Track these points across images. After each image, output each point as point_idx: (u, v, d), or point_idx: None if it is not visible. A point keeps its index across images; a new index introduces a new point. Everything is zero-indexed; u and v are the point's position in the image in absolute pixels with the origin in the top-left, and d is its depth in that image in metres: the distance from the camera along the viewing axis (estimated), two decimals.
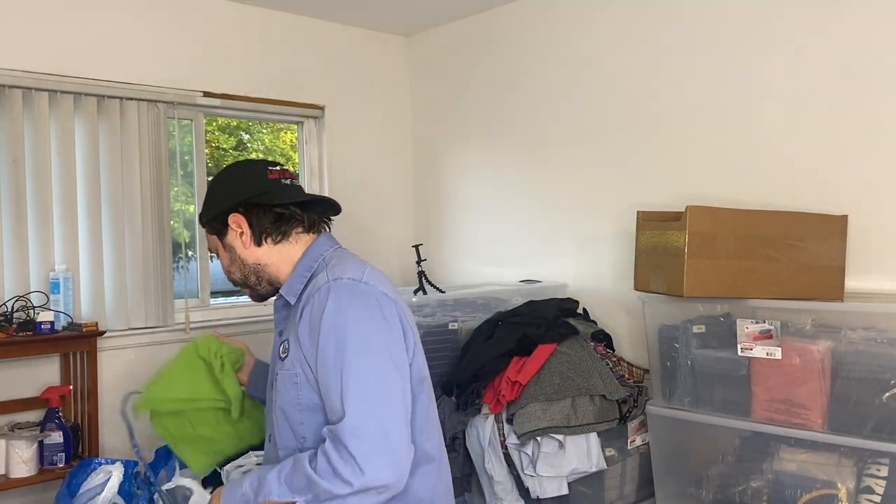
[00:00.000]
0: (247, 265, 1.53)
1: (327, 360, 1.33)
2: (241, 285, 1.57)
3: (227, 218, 1.51)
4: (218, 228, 1.54)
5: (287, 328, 1.48)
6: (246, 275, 1.55)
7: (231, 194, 1.52)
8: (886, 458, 2.09)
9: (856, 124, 2.47)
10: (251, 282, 1.55)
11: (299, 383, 1.38)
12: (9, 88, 2.83)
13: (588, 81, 3.27)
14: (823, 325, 2.24)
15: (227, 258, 1.55)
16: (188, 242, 3.66)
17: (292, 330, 1.42)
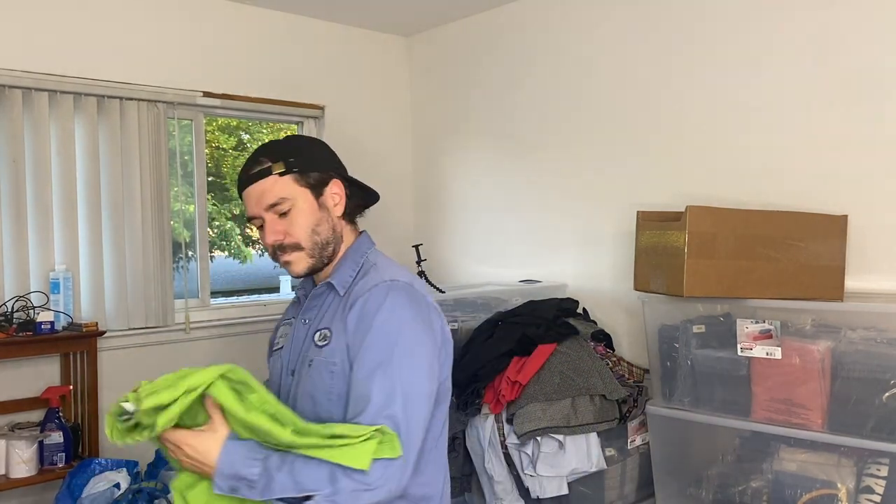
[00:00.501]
0: (335, 232, 1.46)
1: (370, 355, 1.33)
2: (305, 250, 1.43)
3: (329, 179, 1.46)
4: (314, 184, 1.44)
5: (322, 316, 1.45)
6: (326, 241, 1.45)
7: (332, 161, 1.49)
8: (886, 458, 2.09)
9: (856, 124, 2.47)
10: (326, 252, 1.45)
11: (336, 373, 1.37)
12: (9, 88, 2.83)
13: (588, 81, 3.27)
14: (823, 325, 2.24)
15: (314, 218, 1.43)
16: (188, 242, 3.66)
17: (335, 320, 1.41)
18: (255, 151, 1.47)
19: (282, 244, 1.42)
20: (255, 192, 1.42)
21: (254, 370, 1.38)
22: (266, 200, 1.41)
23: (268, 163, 1.41)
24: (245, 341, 3.52)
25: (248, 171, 1.44)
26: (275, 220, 1.41)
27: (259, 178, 1.42)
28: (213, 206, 6.17)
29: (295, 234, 1.41)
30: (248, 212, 1.45)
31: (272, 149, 1.45)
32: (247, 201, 1.44)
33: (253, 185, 1.42)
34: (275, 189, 1.41)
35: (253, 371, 1.34)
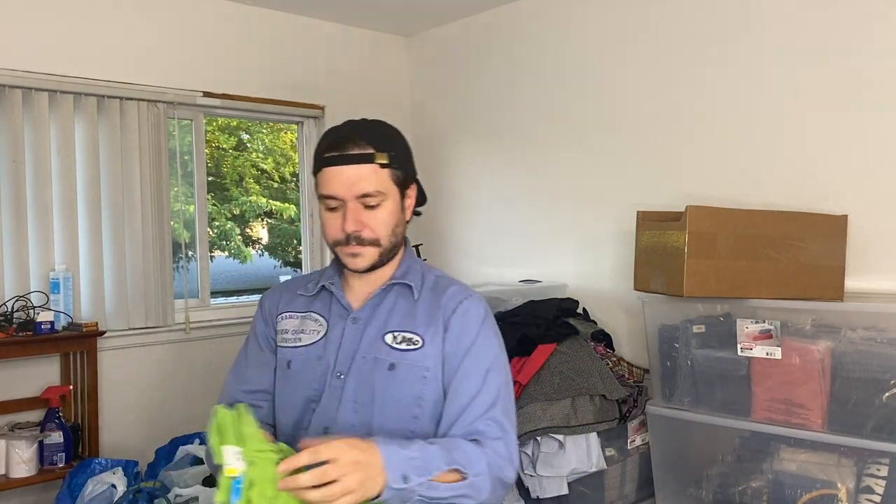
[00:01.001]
0: (404, 235, 1.44)
1: (476, 363, 1.35)
2: (381, 248, 1.36)
3: (411, 181, 1.41)
4: (402, 183, 1.38)
5: (389, 318, 1.39)
6: (398, 243, 1.41)
7: (413, 160, 1.43)
8: (886, 458, 2.09)
9: (856, 124, 2.47)
10: (393, 253, 1.41)
11: (428, 378, 1.35)
12: (9, 88, 2.83)
13: (588, 81, 3.27)
14: (823, 325, 2.24)
15: (396, 218, 1.38)
16: (188, 242, 3.66)
17: (418, 324, 1.37)
18: (350, 128, 1.37)
19: (360, 236, 1.34)
20: (349, 174, 1.31)
21: None
22: (361, 188, 1.31)
23: (370, 149, 1.32)
24: None
25: (344, 150, 1.32)
26: (359, 209, 1.33)
27: (359, 162, 1.32)
28: (213, 206, 6.17)
29: (377, 230, 1.35)
30: (328, 189, 1.33)
31: (373, 135, 1.35)
32: (332, 179, 1.32)
33: (348, 166, 1.31)
34: (373, 180, 1.32)
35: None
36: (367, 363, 1.36)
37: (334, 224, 1.35)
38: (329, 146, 1.34)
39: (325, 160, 1.34)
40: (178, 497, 2.53)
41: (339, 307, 1.44)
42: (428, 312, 1.39)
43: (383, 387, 1.35)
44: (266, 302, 1.53)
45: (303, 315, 1.46)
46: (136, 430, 3.19)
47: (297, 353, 1.43)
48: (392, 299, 1.42)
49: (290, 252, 7.62)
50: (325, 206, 1.36)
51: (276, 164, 7.03)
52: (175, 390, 3.31)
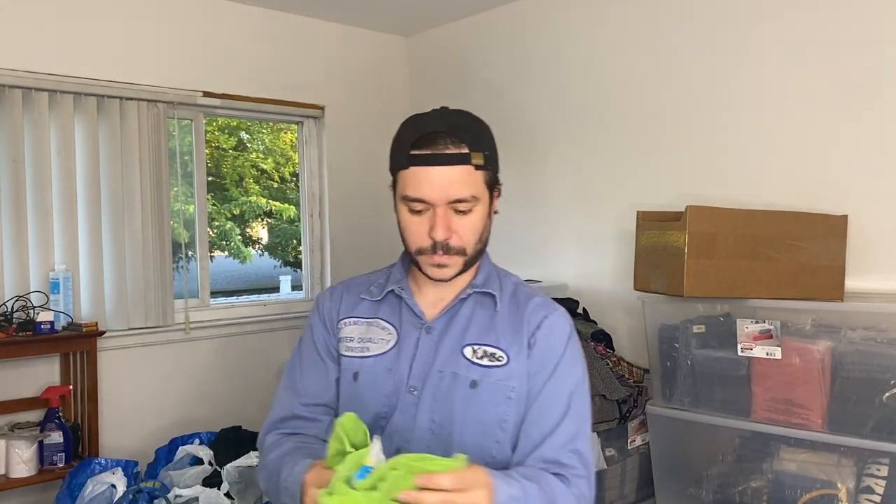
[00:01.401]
0: (487, 238, 1.29)
1: (562, 386, 1.23)
2: (466, 256, 1.24)
3: (498, 182, 1.28)
4: (492, 186, 1.25)
5: (467, 330, 1.27)
6: (482, 251, 1.29)
7: (498, 158, 1.28)
8: (886, 458, 2.09)
9: (856, 124, 2.47)
10: (475, 261, 1.29)
11: (513, 399, 1.22)
12: (9, 88, 2.83)
13: (588, 81, 3.27)
14: (823, 325, 2.24)
15: (484, 225, 1.26)
16: (188, 242, 3.66)
17: (501, 339, 1.25)
18: (441, 121, 1.23)
19: (447, 244, 1.21)
20: (441, 177, 1.18)
21: (253, 370, 1.32)
22: (456, 192, 1.18)
23: (465, 148, 1.19)
24: (245, 341, 3.52)
25: (437, 148, 1.18)
26: (449, 214, 1.20)
27: (453, 164, 1.18)
28: (212, 206, 6.18)
29: (466, 238, 1.22)
30: (417, 192, 1.19)
31: (467, 131, 1.22)
32: (421, 181, 1.18)
33: (443, 167, 1.18)
34: (468, 183, 1.19)
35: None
36: (445, 379, 1.23)
37: (419, 230, 1.21)
38: (418, 142, 1.19)
39: (414, 158, 1.19)
40: (178, 497, 2.53)
41: (410, 315, 1.30)
42: (511, 326, 1.27)
43: (464, 406, 1.22)
44: (324, 305, 1.37)
45: (368, 321, 1.32)
46: (135, 430, 3.19)
47: (366, 363, 1.29)
48: (470, 309, 1.29)
49: (290, 252, 7.62)
50: (407, 207, 1.21)
51: (276, 164, 7.03)
52: (175, 390, 3.31)
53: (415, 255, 1.24)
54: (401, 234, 1.26)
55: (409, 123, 1.24)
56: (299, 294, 3.94)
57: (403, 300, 1.31)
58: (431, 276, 1.25)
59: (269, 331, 3.61)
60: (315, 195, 3.87)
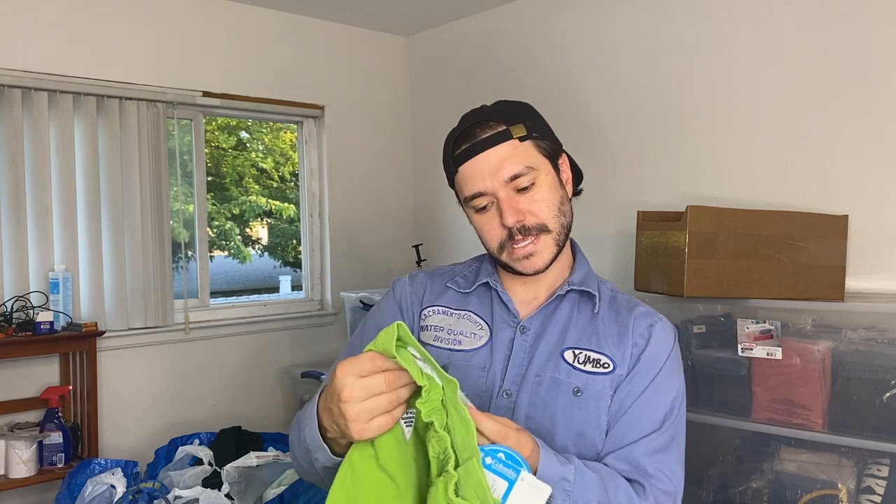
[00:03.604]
0: (569, 211, 1.21)
1: (659, 398, 1.13)
2: (552, 233, 1.17)
3: (560, 150, 1.21)
4: (551, 153, 1.18)
5: (566, 332, 1.18)
6: (569, 225, 1.21)
7: (552, 130, 1.23)
8: (887, 459, 2.09)
9: (857, 124, 2.47)
10: (566, 240, 1.22)
11: (607, 410, 1.12)
12: (8, 88, 2.83)
13: (588, 81, 3.27)
14: (824, 325, 2.24)
15: (559, 195, 1.17)
16: (188, 242, 3.66)
17: (605, 345, 1.16)
18: (473, 116, 1.18)
19: (524, 225, 1.12)
20: (489, 160, 1.12)
21: (253, 370, 1.28)
22: (507, 171, 1.11)
23: (502, 125, 1.14)
24: (245, 341, 3.52)
25: (476, 136, 1.14)
26: (512, 195, 1.12)
27: (495, 143, 1.12)
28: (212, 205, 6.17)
29: (540, 212, 1.14)
30: (471, 187, 1.14)
31: (502, 110, 1.18)
32: (471, 175, 1.14)
33: (486, 151, 1.12)
34: (518, 156, 1.12)
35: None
36: (544, 384, 1.13)
37: (491, 225, 1.15)
38: (458, 142, 1.16)
39: (458, 157, 1.15)
40: (178, 498, 2.53)
41: (503, 311, 1.21)
42: (615, 331, 1.17)
43: (566, 415, 1.12)
44: (404, 290, 1.29)
45: (458, 313, 1.23)
46: (135, 430, 3.18)
47: (457, 357, 1.19)
48: (567, 309, 1.20)
49: (290, 252, 7.61)
50: (473, 210, 1.16)
51: (276, 163, 7.02)
52: (175, 390, 3.30)
53: (498, 254, 1.16)
54: (482, 243, 1.20)
55: (449, 135, 1.20)
56: (299, 294, 3.94)
57: (497, 294, 1.22)
58: (524, 271, 1.16)
59: (269, 331, 3.61)
60: (315, 195, 3.87)
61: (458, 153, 1.15)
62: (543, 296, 1.22)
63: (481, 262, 1.29)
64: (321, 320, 3.80)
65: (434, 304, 1.25)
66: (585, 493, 0.99)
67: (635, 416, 1.11)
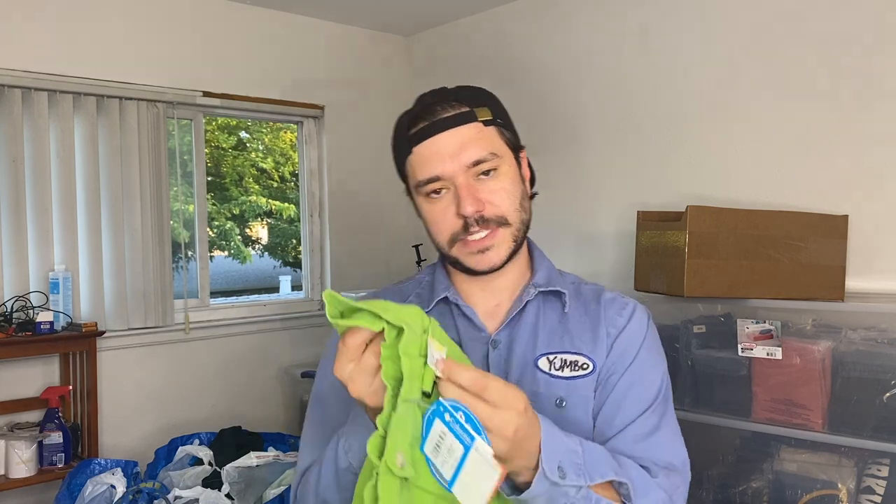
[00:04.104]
0: (529, 208, 1.12)
1: (644, 379, 1.05)
2: (511, 226, 1.07)
3: (520, 145, 1.13)
4: (514, 145, 1.10)
5: (535, 337, 1.08)
6: (528, 223, 1.11)
7: (510, 125, 1.12)
8: (887, 459, 2.09)
9: (857, 124, 2.47)
10: (524, 237, 1.12)
11: (591, 412, 1.04)
12: (8, 88, 2.83)
13: (588, 81, 3.27)
14: (824, 326, 2.24)
15: (519, 189, 1.09)
16: (188, 242, 3.66)
17: (579, 343, 1.07)
18: (434, 95, 1.09)
19: (482, 216, 1.02)
20: (451, 141, 1.02)
21: (253, 370, 1.26)
22: (470, 154, 1.01)
23: (465, 107, 1.05)
24: (245, 341, 3.52)
25: (436, 114, 1.04)
26: (472, 182, 1.02)
27: (458, 124, 1.03)
28: (212, 205, 6.17)
29: (501, 203, 1.04)
30: (427, 170, 1.03)
31: (465, 92, 1.08)
32: (428, 156, 1.03)
33: (447, 132, 1.02)
34: (482, 140, 1.03)
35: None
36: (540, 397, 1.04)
37: (445, 214, 1.03)
38: (414, 120, 1.06)
39: (414, 137, 1.05)
40: (178, 498, 2.53)
41: (469, 327, 1.09)
42: (587, 325, 1.09)
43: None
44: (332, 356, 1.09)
45: None
46: (135, 430, 3.18)
47: None
48: (533, 313, 1.10)
49: (290, 252, 7.61)
50: (425, 196, 1.05)
51: (276, 163, 7.02)
52: (175, 391, 3.30)
53: (449, 248, 1.05)
54: (429, 235, 1.08)
55: (402, 116, 1.11)
56: (299, 294, 3.94)
57: (459, 309, 1.10)
58: (477, 269, 1.05)
59: (269, 331, 3.61)
60: (315, 195, 3.87)
61: (415, 132, 1.04)
62: (507, 303, 1.11)
63: (433, 275, 1.15)
64: (321, 320, 3.80)
65: None
66: (599, 466, 0.89)
67: (617, 404, 1.03)
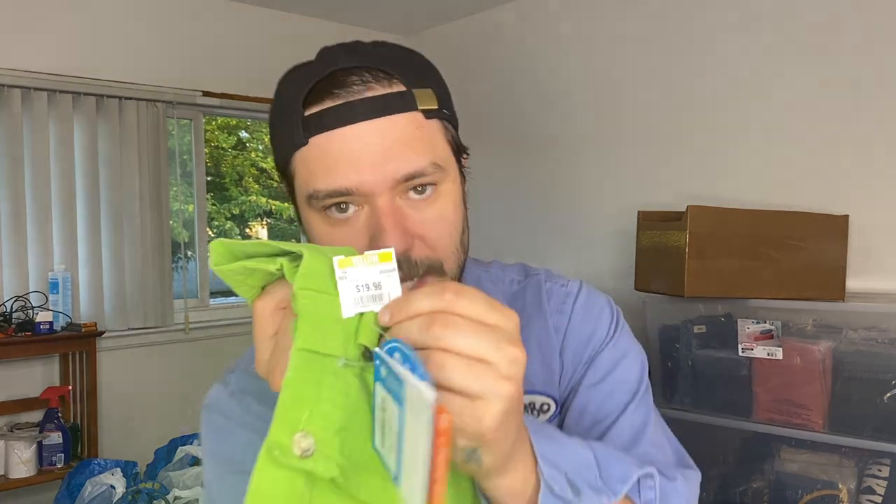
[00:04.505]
0: (468, 249, 0.74)
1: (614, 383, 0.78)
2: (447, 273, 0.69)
3: (462, 149, 0.74)
4: (458, 146, 0.73)
5: None
6: (460, 268, 0.72)
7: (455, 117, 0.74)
8: (887, 459, 2.09)
9: (857, 124, 2.46)
10: (460, 260, 0.72)
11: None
12: (8, 88, 2.82)
13: (588, 81, 3.27)
14: (824, 326, 2.24)
15: (462, 213, 0.72)
16: (187, 242, 3.65)
17: (530, 375, 0.77)
18: (352, 54, 0.68)
19: (409, 258, 0.66)
20: (374, 139, 0.65)
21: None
22: (402, 163, 0.65)
23: (401, 84, 0.67)
24: (244, 342, 3.50)
25: (350, 88, 0.66)
26: (398, 206, 0.66)
27: (388, 112, 0.66)
28: (212, 205, 6.17)
29: (438, 240, 0.68)
30: (334, 180, 0.65)
31: (395, 58, 0.69)
32: (337, 156, 0.65)
33: (370, 122, 0.65)
34: (421, 141, 0.67)
35: None
36: None
37: (351, 244, 0.64)
38: (315, 93, 0.66)
39: (313, 121, 0.66)
40: (178, 498, 2.52)
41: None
42: (534, 346, 0.79)
43: None
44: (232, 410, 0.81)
45: None
46: (135, 430, 3.18)
47: None
48: None
49: None
50: (320, 212, 0.68)
51: None
52: (174, 391, 3.30)
53: None
54: None
55: (292, 77, 0.70)
56: None
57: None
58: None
59: None
60: None
61: (315, 113, 0.66)
62: None
63: None
64: None
65: None
66: (616, 467, 0.63)
67: (590, 415, 0.77)
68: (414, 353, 0.46)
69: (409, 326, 0.49)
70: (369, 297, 0.51)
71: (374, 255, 0.51)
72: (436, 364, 0.47)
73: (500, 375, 0.48)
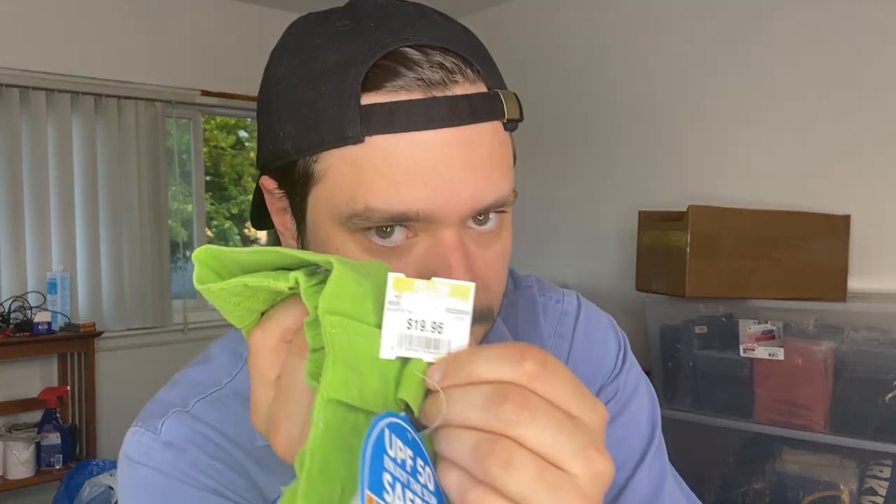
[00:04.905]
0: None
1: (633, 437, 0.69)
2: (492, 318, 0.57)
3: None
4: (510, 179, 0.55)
5: None
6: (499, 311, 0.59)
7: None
8: (889, 459, 2.09)
9: (858, 124, 2.46)
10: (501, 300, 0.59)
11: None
12: (6, 87, 2.82)
13: (589, 81, 3.26)
14: (826, 326, 2.23)
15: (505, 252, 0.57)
16: (186, 242, 3.64)
17: None
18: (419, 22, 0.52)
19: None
20: (458, 146, 0.50)
21: None
22: (494, 190, 0.52)
23: (481, 81, 0.52)
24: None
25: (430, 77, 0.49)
26: (467, 242, 0.52)
27: (476, 118, 0.51)
28: (211, 205, 6.16)
29: (494, 284, 0.56)
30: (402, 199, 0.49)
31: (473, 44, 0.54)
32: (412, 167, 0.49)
33: (457, 129, 0.50)
34: (504, 162, 0.53)
35: None
36: None
37: None
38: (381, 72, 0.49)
39: (381, 113, 0.49)
40: None
41: None
42: None
43: None
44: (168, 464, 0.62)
45: None
46: None
47: None
48: None
49: None
50: (361, 232, 0.51)
51: None
52: None
53: None
54: None
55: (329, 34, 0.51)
56: None
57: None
58: None
59: None
60: None
61: (382, 105, 0.49)
62: None
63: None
64: None
65: None
66: None
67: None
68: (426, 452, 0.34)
69: (471, 396, 0.36)
70: (420, 339, 0.37)
71: (444, 284, 0.37)
72: (501, 459, 0.34)
73: (581, 494, 0.35)
